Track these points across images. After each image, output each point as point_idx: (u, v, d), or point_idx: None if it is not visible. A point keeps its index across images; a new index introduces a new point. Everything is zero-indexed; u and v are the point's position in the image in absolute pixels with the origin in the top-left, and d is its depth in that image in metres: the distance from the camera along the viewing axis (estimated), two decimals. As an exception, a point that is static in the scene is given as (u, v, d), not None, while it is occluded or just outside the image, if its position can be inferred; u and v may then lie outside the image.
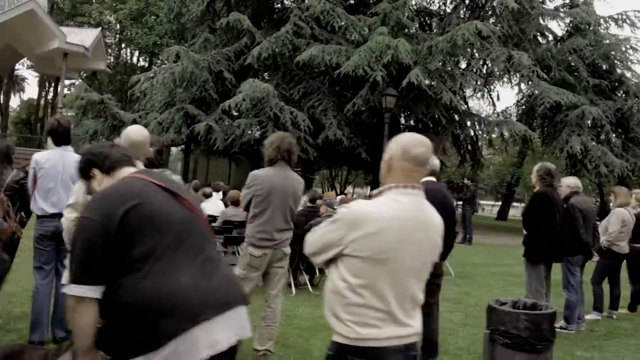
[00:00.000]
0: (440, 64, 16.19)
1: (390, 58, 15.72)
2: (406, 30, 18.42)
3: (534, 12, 19.40)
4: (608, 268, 7.55)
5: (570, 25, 22.18)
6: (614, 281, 7.63)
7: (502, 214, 32.22)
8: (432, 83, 16.48)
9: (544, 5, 22.51)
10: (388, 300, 2.18)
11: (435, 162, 5.08)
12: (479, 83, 18.73)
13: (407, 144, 2.38)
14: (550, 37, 23.14)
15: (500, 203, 38.87)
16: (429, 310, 4.93)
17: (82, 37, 25.28)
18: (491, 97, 23.45)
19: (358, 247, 2.17)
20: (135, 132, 3.98)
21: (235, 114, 18.39)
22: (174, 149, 34.26)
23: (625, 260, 7.84)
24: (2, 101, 39.81)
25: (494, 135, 20.08)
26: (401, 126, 17.67)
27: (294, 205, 4.98)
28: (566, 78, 19.71)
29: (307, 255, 2.47)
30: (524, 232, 6.31)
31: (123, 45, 39.14)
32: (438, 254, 2.45)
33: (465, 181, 15.66)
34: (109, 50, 38.93)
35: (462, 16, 18.90)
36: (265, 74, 19.60)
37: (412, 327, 2.28)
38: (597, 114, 18.89)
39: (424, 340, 4.96)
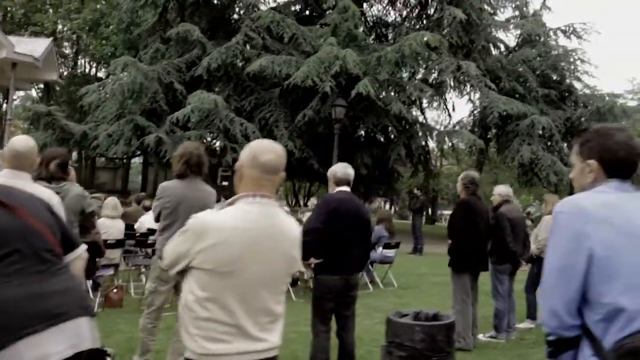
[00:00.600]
0: (388, 74, 16.23)
1: (339, 68, 15.72)
2: (358, 41, 18.45)
3: (482, 24, 19.72)
4: (539, 275, 7.57)
5: (520, 36, 22.63)
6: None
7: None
8: (382, 93, 16.53)
9: (495, 17, 22.97)
10: (236, 313, 2.09)
11: (349, 171, 5.00)
12: (429, 93, 18.88)
13: (256, 151, 2.28)
14: (502, 48, 23.56)
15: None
16: (345, 323, 4.84)
17: (33, 46, 24.59)
18: (446, 108, 23.76)
19: (203, 259, 2.09)
20: (19, 143, 3.77)
21: (189, 125, 18.16)
22: (134, 161, 33.73)
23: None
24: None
25: (445, 146, 20.26)
26: (352, 137, 17.68)
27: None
28: (516, 88, 20.05)
29: (164, 267, 2.39)
30: (449, 241, 6.29)
31: (80, 56, 38.43)
32: (295, 265, 2.34)
33: (415, 191, 15.71)
34: (64, 61, 38.22)
35: (413, 26, 19.06)
36: (217, 85, 19.37)
37: (268, 341, 2.19)
38: (546, 123, 19.23)
39: (342, 352, 4.85)
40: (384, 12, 23.47)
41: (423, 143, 18.46)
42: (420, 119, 24.25)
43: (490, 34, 20.72)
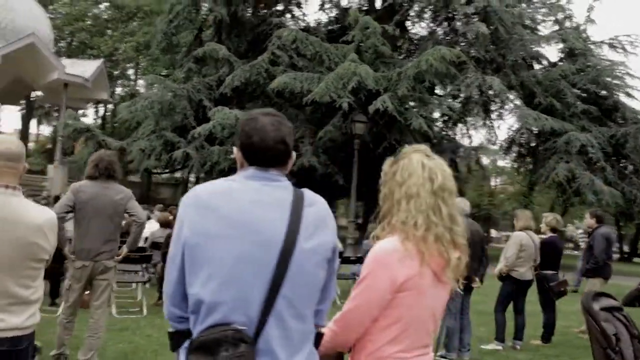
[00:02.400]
0: (407, 90, 15.99)
1: (356, 84, 15.66)
2: (385, 57, 18.34)
3: (513, 38, 19.11)
4: (509, 295, 7.18)
5: (563, 51, 21.79)
6: (518, 309, 7.23)
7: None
8: (403, 109, 16.29)
9: (537, 32, 22.24)
10: None
11: None
12: (454, 110, 18.43)
13: None
14: (545, 63, 22.74)
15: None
16: None
17: (84, 68, 26.02)
18: (492, 126, 23.13)
19: None
20: None
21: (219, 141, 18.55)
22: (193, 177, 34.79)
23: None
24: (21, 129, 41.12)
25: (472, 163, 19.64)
26: (374, 152, 17.47)
27: (116, 217, 5.03)
28: (553, 104, 19.26)
29: None
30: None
31: (139, 76, 40.22)
32: (40, 252, 2.43)
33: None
34: (125, 81, 40.13)
35: (440, 41, 18.74)
36: (244, 102, 19.72)
37: (4, 321, 2.29)
38: (586, 140, 18.34)
39: None
40: (414, 27, 23.22)
41: (449, 159, 17.94)
42: (463, 137, 23.82)
43: (527, 48, 20.00)
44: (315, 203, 1.80)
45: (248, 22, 20.71)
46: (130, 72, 40.13)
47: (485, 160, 17.70)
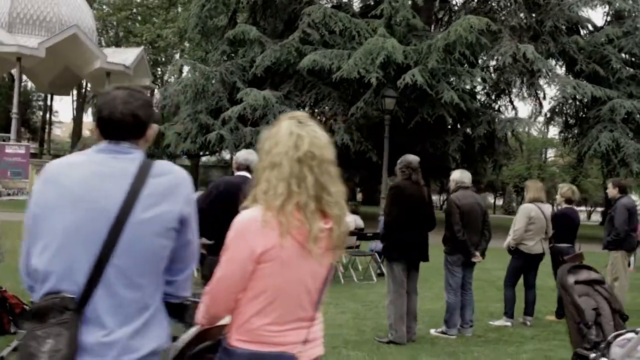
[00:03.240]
0: (437, 62, 15.58)
1: (385, 59, 15.38)
2: (417, 30, 17.92)
3: (551, 3, 18.22)
4: (518, 269, 6.96)
5: (608, 14, 20.68)
6: (529, 284, 7.00)
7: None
8: (434, 82, 15.91)
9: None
10: None
11: (250, 157, 4.98)
12: (486, 80, 17.84)
13: None
14: (591, 27, 21.67)
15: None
16: None
17: (125, 56, 26.76)
18: (537, 96, 22.32)
19: None
20: None
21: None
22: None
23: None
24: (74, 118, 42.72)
25: (508, 134, 18.92)
26: (406, 127, 17.18)
27: None
28: (597, 71, 18.35)
29: None
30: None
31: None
32: None
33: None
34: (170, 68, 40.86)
35: (472, 11, 18.11)
36: (277, 82, 19.73)
37: None
38: (632, 107, 17.44)
39: None
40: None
41: (483, 132, 17.45)
42: (508, 108, 23.13)
43: (567, 13, 19.02)
44: (165, 174, 1.80)
45: (280, 2, 20.60)
46: (177, 57, 40.86)
47: (522, 131, 17.03)
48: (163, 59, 38.35)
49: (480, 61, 17.86)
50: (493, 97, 23.54)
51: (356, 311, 7.15)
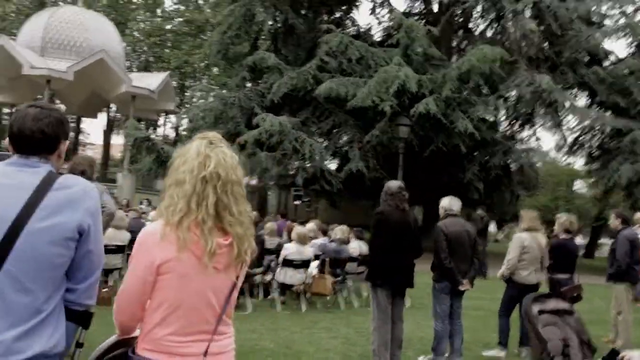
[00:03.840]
0: (451, 91, 15.60)
1: (399, 87, 15.47)
2: (435, 59, 18.02)
3: (569, 34, 18.15)
4: (512, 299, 6.84)
5: (632, 44, 20.47)
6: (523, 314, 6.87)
7: (590, 252, 29.40)
8: (449, 111, 15.92)
9: (602, 27, 21.03)
10: None
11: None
12: (504, 110, 17.76)
13: None
14: (613, 58, 21.46)
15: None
16: None
17: (150, 81, 27.37)
18: (560, 127, 22.08)
19: None
20: None
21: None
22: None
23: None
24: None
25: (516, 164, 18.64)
26: (421, 156, 17.13)
27: None
28: (617, 102, 18.13)
29: None
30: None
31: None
32: None
33: (479, 212, 14.81)
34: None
35: (489, 40, 18.14)
36: (295, 108, 19.94)
37: None
38: (654, 139, 17.12)
39: None
40: (471, 25, 22.49)
41: (499, 162, 17.27)
42: (531, 139, 22.91)
43: (586, 44, 18.88)
44: (68, 187, 1.92)
45: (301, 30, 20.96)
46: (205, 82, 41.70)
47: (539, 163, 16.87)
48: (191, 84, 39.16)
49: (502, 91, 17.75)
50: (516, 128, 23.42)
51: (347, 337, 7.11)
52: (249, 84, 21.20)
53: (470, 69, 15.29)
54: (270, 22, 20.16)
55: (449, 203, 6.41)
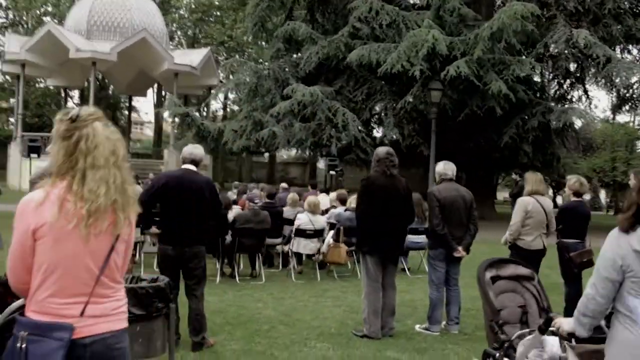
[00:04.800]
0: (483, 52, 15.04)
1: (426, 51, 15.05)
2: (468, 19, 17.39)
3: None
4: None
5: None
6: (529, 281, 6.69)
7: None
8: (482, 72, 15.38)
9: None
10: None
11: (196, 151, 5.24)
12: (535, 68, 16.96)
13: None
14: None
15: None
16: (189, 290, 5.13)
17: (192, 57, 27.80)
18: (613, 84, 20.96)
19: None
20: None
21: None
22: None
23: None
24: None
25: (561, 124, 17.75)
26: (455, 120, 16.68)
27: None
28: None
29: None
30: (357, 222, 5.97)
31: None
32: None
33: (514, 176, 14.38)
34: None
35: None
36: (329, 77, 19.77)
37: None
38: None
39: (189, 317, 5.07)
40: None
41: (537, 124, 16.57)
42: (580, 99, 21.98)
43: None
44: None
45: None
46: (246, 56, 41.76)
47: (578, 122, 16.11)
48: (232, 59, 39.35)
49: (539, 49, 16.93)
50: (566, 88, 22.43)
51: (352, 305, 7.14)
52: (282, 56, 21.12)
53: (501, 28, 14.67)
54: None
55: (443, 168, 6.28)
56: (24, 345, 1.97)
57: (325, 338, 5.69)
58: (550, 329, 2.85)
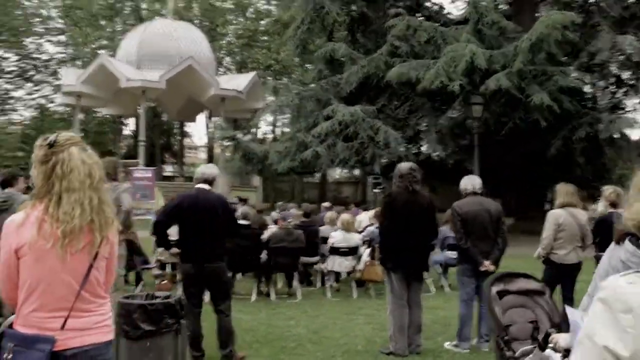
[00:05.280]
0: (523, 64, 14.77)
1: (466, 65, 14.91)
2: (507, 32, 17.16)
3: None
4: (551, 280, 6.43)
5: None
6: (565, 296, 6.46)
7: None
8: (524, 85, 15.09)
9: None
10: None
11: (208, 171, 5.41)
12: (582, 78, 16.47)
13: None
14: None
15: None
16: (216, 305, 5.25)
17: (238, 82, 28.45)
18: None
19: None
20: None
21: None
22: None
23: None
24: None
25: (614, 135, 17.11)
26: (498, 134, 16.37)
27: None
28: None
29: None
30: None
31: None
32: None
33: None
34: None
35: (565, 3, 16.90)
36: (370, 96, 19.82)
37: None
38: None
39: (218, 331, 5.17)
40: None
41: (583, 134, 16.04)
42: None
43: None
44: None
45: (373, 17, 20.81)
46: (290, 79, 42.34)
47: (632, 132, 15.54)
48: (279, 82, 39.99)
49: (582, 58, 16.49)
50: (618, 96, 21.71)
51: (383, 323, 7.04)
52: (324, 77, 21.33)
53: (541, 38, 14.40)
54: (338, 12, 20.10)
55: (464, 183, 6.21)
56: (10, 357, 2.12)
57: (351, 355, 5.68)
58: (549, 345, 2.78)
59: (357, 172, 30.28)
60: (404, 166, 5.91)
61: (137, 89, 25.60)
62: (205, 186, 5.31)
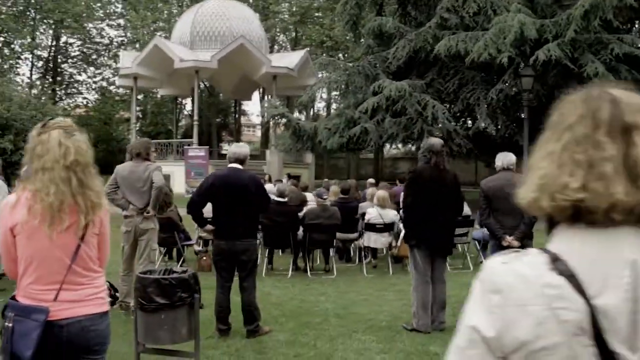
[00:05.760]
0: (575, 32, 14.09)
1: (515, 36, 14.38)
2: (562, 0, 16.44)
3: None
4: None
5: None
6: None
7: None
8: (576, 54, 14.44)
9: None
10: None
11: (239, 150, 5.53)
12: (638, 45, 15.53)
13: None
14: None
15: None
16: (241, 282, 5.44)
17: (290, 59, 28.52)
18: None
19: None
20: None
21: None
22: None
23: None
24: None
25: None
26: (549, 107, 15.73)
27: (145, 187, 6.06)
28: None
29: None
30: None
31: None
32: None
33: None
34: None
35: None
36: (419, 71, 19.45)
37: None
38: None
39: (242, 307, 5.40)
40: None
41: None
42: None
43: None
44: None
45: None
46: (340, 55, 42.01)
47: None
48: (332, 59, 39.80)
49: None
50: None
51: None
52: (373, 52, 21.09)
53: (596, 4, 13.67)
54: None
55: (497, 159, 6.10)
56: (10, 324, 2.34)
57: (373, 331, 5.75)
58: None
59: (413, 147, 29.87)
60: (436, 142, 5.86)
61: (190, 69, 26.10)
62: (238, 165, 5.46)
